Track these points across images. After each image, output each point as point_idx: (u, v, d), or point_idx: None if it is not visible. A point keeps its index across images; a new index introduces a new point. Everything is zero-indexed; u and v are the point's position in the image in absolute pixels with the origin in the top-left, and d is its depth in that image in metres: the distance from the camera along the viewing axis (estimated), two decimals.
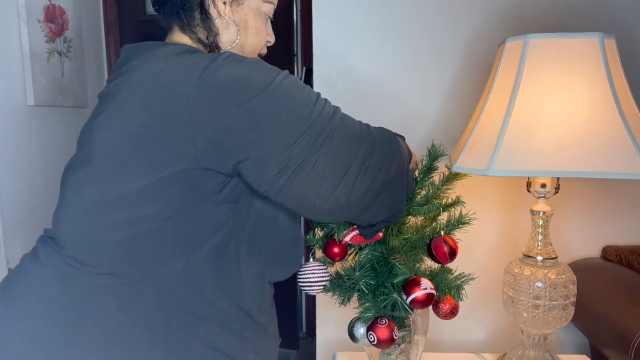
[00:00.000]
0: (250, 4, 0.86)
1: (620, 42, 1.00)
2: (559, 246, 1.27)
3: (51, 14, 1.75)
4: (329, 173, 0.72)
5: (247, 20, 0.86)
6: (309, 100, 0.73)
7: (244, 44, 0.87)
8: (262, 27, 0.88)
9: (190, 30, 0.84)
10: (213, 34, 0.84)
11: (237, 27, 0.85)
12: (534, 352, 1.08)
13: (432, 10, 1.40)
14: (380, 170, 0.78)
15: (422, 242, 0.97)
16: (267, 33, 0.90)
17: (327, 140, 0.72)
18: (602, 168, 0.89)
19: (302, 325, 2.65)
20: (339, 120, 0.76)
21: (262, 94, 0.69)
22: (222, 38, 0.85)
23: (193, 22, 0.83)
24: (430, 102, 1.44)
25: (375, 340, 0.89)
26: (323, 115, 0.73)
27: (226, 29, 0.85)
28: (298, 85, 0.74)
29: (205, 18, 0.83)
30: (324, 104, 0.76)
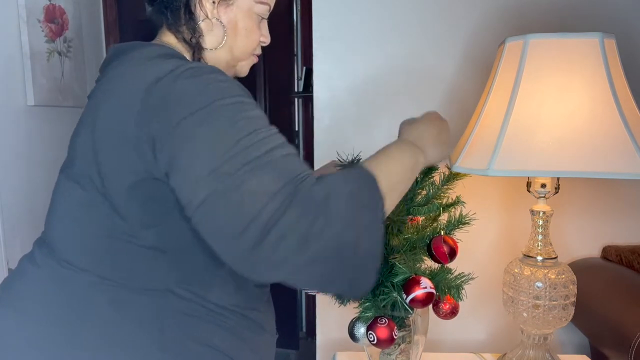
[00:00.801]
0: (241, 4, 0.83)
1: (620, 42, 1.00)
2: (559, 246, 1.27)
3: (51, 14, 1.75)
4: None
5: (237, 21, 0.83)
6: (247, 129, 0.66)
7: (233, 45, 0.84)
8: (254, 28, 0.85)
9: (176, 30, 0.82)
10: (197, 35, 0.82)
11: (223, 29, 0.82)
12: (534, 352, 1.08)
13: (432, 11, 1.40)
14: (323, 239, 0.61)
15: (422, 242, 0.97)
16: (260, 34, 0.88)
17: (251, 171, 0.63)
18: (602, 168, 0.89)
19: (302, 325, 2.65)
20: (282, 159, 0.66)
21: (195, 114, 0.65)
22: (207, 39, 0.83)
23: (179, 21, 0.82)
24: (430, 102, 1.44)
25: (375, 340, 0.89)
26: (258, 145, 0.65)
27: (211, 30, 0.82)
28: (241, 113, 0.68)
29: (189, 19, 0.81)
30: (268, 137, 0.67)
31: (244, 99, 0.70)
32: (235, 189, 0.61)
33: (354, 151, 1.04)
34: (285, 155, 0.67)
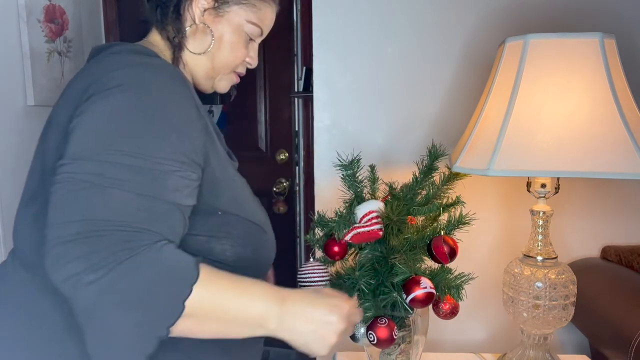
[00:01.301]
0: (232, 19, 0.83)
1: (620, 42, 1.00)
2: (559, 246, 1.27)
3: (51, 14, 1.75)
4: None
5: (224, 34, 0.83)
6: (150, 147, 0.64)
7: (215, 55, 0.84)
8: (240, 45, 0.85)
9: (162, 28, 0.83)
10: (180, 35, 0.82)
11: (211, 37, 0.82)
12: (534, 352, 1.08)
13: (432, 11, 1.41)
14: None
15: (422, 242, 0.97)
16: (246, 53, 0.87)
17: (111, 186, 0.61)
18: (602, 168, 0.89)
19: None
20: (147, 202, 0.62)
21: (106, 93, 0.66)
22: (191, 43, 0.83)
23: (165, 20, 0.82)
24: (430, 102, 1.44)
25: (375, 340, 0.89)
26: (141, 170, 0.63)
27: (196, 35, 0.83)
28: (157, 127, 0.66)
29: (175, 18, 0.82)
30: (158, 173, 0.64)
31: (178, 116, 0.68)
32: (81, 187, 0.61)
33: (353, 151, 1.04)
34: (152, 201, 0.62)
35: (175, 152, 0.67)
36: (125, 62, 0.72)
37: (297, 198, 2.48)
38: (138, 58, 0.74)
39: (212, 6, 0.82)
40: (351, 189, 1.00)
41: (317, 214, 1.01)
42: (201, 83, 0.88)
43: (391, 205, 0.95)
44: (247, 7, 0.83)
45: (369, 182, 1.03)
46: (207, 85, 0.89)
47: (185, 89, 0.72)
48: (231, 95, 0.98)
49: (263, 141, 2.29)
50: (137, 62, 0.72)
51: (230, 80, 0.90)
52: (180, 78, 0.74)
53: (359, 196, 1.00)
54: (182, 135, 0.68)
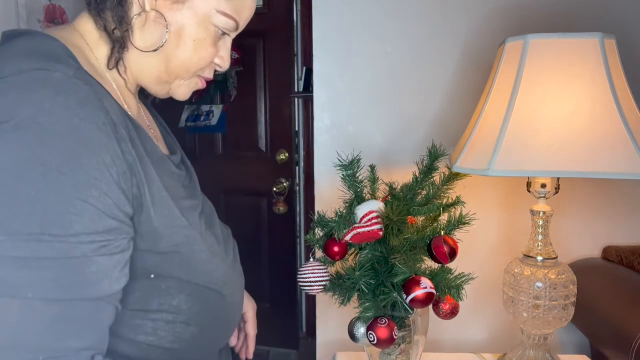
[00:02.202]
0: (197, 7, 0.62)
1: (620, 42, 1.00)
2: (559, 246, 1.27)
3: (51, 14, 1.75)
4: None
5: (185, 26, 0.62)
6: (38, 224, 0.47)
7: (171, 55, 0.63)
8: (207, 42, 0.64)
9: (97, 13, 0.62)
10: (124, 27, 0.61)
11: (165, 30, 0.62)
12: (534, 352, 1.08)
13: (432, 10, 1.41)
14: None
15: (422, 242, 0.97)
16: (214, 52, 0.66)
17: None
18: (602, 168, 0.89)
19: (302, 325, 2.65)
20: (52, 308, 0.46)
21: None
22: (137, 37, 0.62)
23: (104, 3, 0.61)
24: (430, 102, 1.44)
25: (375, 339, 0.89)
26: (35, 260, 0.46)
27: (145, 26, 0.62)
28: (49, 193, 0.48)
29: (117, 4, 0.61)
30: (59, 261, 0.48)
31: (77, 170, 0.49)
32: None
33: (353, 151, 1.04)
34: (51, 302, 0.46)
35: (94, 220, 0.50)
36: (12, 82, 0.50)
37: (297, 198, 2.48)
38: (33, 72, 0.51)
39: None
40: (351, 189, 1.00)
41: (317, 214, 1.01)
42: (151, 89, 0.68)
43: (391, 205, 0.95)
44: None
45: (369, 182, 1.03)
46: (159, 90, 0.69)
47: (95, 117, 0.52)
48: (231, 95, 0.93)
49: (263, 141, 2.29)
50: (28, 80, 0.50)
51: (192, 85, 0.70)
52: (89, 100, 0.53)
53: (359, 196, 1.00)
54: (98, 192, 0.50)
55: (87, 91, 0.53)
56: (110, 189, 0.52)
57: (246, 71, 2.23)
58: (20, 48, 0.56)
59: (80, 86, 0.52)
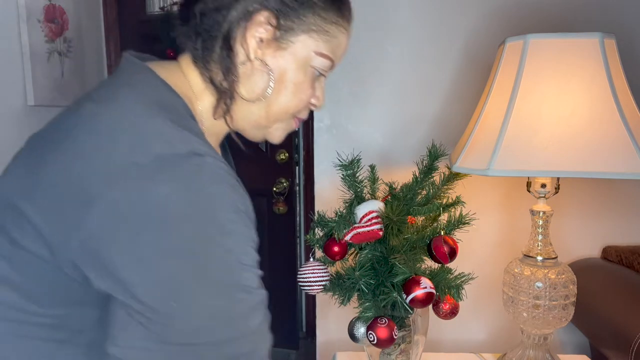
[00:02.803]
0: (297, 51, 0.63)
1: (620, 42, 1.00)
2: (559, 246, 1.27)
3: (51, 14, 1.75)
4: None
5: (286, 71, 0.63)
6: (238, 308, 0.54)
7: (272, 101, 0.64)
8: (306, 85, 0.65)
9: (203, 65, 0.63)
10: (231, 79, 0.62)
11: (270, 78, 0.63)
12: (534, 352, 1.08)
13: (432, 10, 1.40)
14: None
15: (422, 242, 0.97)
16: (312, 94, 0.68)
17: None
18: (602, 168, 0.89)
19: (302, 325, 2.65)
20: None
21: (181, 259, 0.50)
22: (242, 87, 0.63)
23: (210, 55, 0.62)
24: (430, 102, 1.43)
25: (375, 340, 0.89)
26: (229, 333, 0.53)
27: (251, 76, 0.63)
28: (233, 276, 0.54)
29: (226, 56, 0.61)
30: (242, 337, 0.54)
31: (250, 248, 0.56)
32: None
33: (353, 151, 1.04)
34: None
35: (257, 275, 0.56)
36: (174, 169, 0.50)
37: (297, 198, 2.48)
38: (190, 158, 0.51)
39: (273, 36, 0.62)
40: (351, 189, 1.00)
41: (317, 214, 1.01)
42: (248, 132, 0.70)
43: (391, 205, 0.95)
44: (317, 36, 0.64)
45: (369, 182, 1.03)
46: (256, 135, 0.70)
47: (245, 198, 0.56)
48: None
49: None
50: (191, 170, 0.51)
51: (288, 127, 0.71)
52: (235, 183, 0.55)
53: (359, 196, 1.00)
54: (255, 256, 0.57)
55: (230, 172, 0.55)
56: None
57: None
58: (148, 104, 0.55)
59: (226, 169, 0.54)
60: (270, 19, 0.61)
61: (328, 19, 0.65)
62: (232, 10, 0.61)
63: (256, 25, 0.61)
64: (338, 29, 0.67)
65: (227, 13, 0.61)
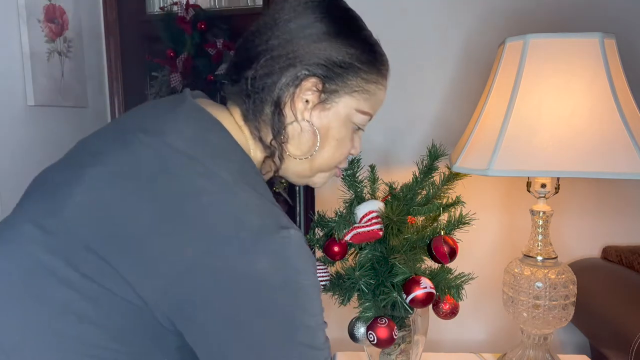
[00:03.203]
0: (339, 110, 0.67)
1: (620, 42, 1.00)
2: (559, 246, 1.27)
3: (51, 14, 1.75)
4: None
5: (330, 129, 0.67)
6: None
7: (316, 156, 0.68)
8: (347, 139, 0.70)
9: (253, 125, 0.66)
10: (280, 140, 0.65)
11: (317, 137, 0.66)
12: (534, 352, 1.08)
13: (432, 10, 1.40)
14: None
15: (422, 242, 0.97)
16: (351, 146, 0.72)
17: None
18: (602, 168, 0.89)
19: None
20: None
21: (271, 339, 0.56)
22: (291, 147, 0.67)
23: (260, 115, 0.65)
24: (430, 102, 1.43)
25: (375, 340, 0.89)
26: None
27: (298, 135, 0.66)
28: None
29: (277, 119, 0.64)
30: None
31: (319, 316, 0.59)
32: None
33: None
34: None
35: (324, 331, 0.60)
36: (264, 243, 0.53)
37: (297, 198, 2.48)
38: (279, 232, 0.55)
39: (319, 99, 0.65)
40: (351, 189, 1.00)
41: (317, 214, 1.01)
42: (291, 179, 0.73)
43: (391, 205, 0.95)
44: (359, 95, 0.68)
45: (369, 182, 1.03)
46: (299, 182, 0.74)
47: (315, 265, 0.60)
48: None
49: None
50: (282, 244, 0.54)
51: (330, 176, 0.75)
52: (310, 254, 0.59)
53: (359, 196, 1.00)
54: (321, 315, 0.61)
55: (306, 242, 0.58)
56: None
57: None
58: (232, 171, 0.57)
59: (305, 241, 0.58)
60: (317, 84, 0.65)
61: (369, 80, 0.69)
62: (282, 77, 0.64)
63: (305, 91, 0.65)
64: (377, 87, 0.70)
65: (277, 79, 0.64)
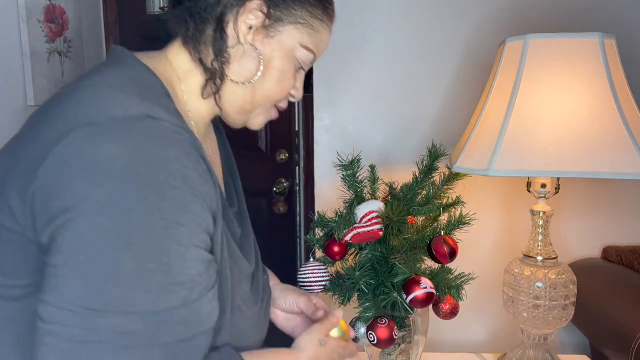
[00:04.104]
0: (283, 41, 0.67)
1: (620, 42, 1.00)
2: (559, 246, 1.27)
3: (51, 14, 1.75)
4: None
5: (272, 58, 0.67)
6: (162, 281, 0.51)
7: (258, 86, 0.68)
8: (289, 74, 0.69)
9: (193, 46, 0.66)
10: (221, 60, 0.65)
11: (260, 62, 0.66)
12: (534, 352, 1.08)
13: (432, 10, 1.40)
14: None
15: (422, 242, 0.97)
16: (293, 84, 0.71)
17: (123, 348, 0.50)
18: (602, 168, 0.89)
19: None
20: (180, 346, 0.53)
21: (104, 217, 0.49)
22: (233, 69, 0.66)
23: (201, 37, 0.65)
24: (430, 102, 1.43)
25: (375, 340, 0.89)
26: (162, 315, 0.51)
27: (241, 58, 0.66)
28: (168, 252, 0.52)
29: (219, 38, 0.64)
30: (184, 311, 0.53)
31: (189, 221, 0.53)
32: (75, 353, 0.49)
33: (353, 151, 1.04)
34: (181, 342, 0.53)
35: (204, 261, 0.55)
36: (125, 130, 0.52)
37: (297, 198, 2.48)
38: (144, 121, 0.53)
39: (262, 24, 0.65)
40: (351, 189, 1.00)
41: (317, 214, 1.01)
42: (232, 117, 0.72)
43: (391, 205, 0.95)
44: (303, 28, 0.68)
45: (369, 182, 1.03)
46: (238, 120, 0.73)
47: (198, 165, 0.56)
48: None
49: (263, 141, 2.29)
50: (141, 131, 0.53)
51: (268, 115, 0.74)
52: (192, 150, 0.56)
53: (359, 196, 1.00)
54: (204, 236, 0.56)
55: (189, 141, 0.56)
56: (208, 229, 0.57)
57: None
58: (122, 78, 0.59)
59: (184, 135, 0.56)
60: (261, 6, 0.65)
61: (314, 14, 0.69)
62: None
63: (248, 12, 0.64)
64: (322, 25, 0.70)
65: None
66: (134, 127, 0.53)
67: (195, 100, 0.69)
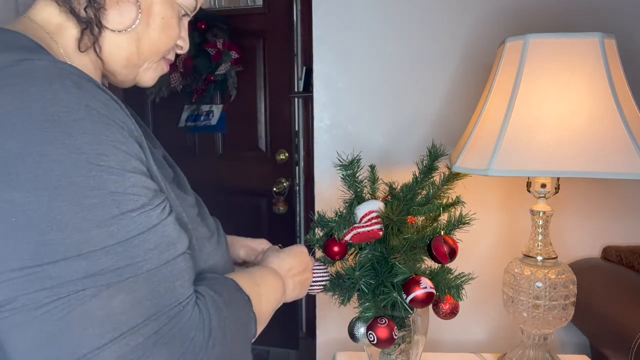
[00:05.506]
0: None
1: (620, 42, 1.00)
2: (559, 246, 1.27)
3: None
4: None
5: (153, 5, 0.62)
6: (104, 213, 0.48)
7: (142, 35, 0.62)
8: (174, 21, 0.65)
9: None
10: (96, 5, 0.58)
11: (137, 8, 0.61)
12: (534, 352, 1.08)
13: (432, 10, 1.40)
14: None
15: (422, 242, 0.97)
16: (178, 33, 0.67)
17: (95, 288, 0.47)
18: (602, 168, 0.89)
19: (302, 325, 2.64)
20: (154, 274, 0.50)
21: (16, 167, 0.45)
22: (110, 17, 0.60)
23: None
24: (430, 102, 1.43)
25: (375, 340, 0.89)
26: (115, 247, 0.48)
27: (119, 4, 0.60)
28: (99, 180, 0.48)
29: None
30: (139, 232, 0.50)
31: (112, 149, 0.49)
32: (57, 312, 0.45)
33: (353, 151, 1.04)
34: (162, 266, 0.51)
35: (147, 185, 0.52)
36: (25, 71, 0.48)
37: (297, 198, 2.48)
38: (17, 65, 0.49)
39: None
40: (351, 189, 1.00)
41: (317, 214, 1.01)
42: (119, 74, 0.66)
43: (391, 205, 0.95)
44: None
45: (369, 182, 1.03)
46: (127, 76, 0.66)
47: (97, 94, 0.51)
48: (231, 95, 0.92)
49: (263, 141, 2.29)
50: (14, 74, 0.48)
51: (159, 69, 0.69)
52: (83, 80, 0.51)
53: (359, 196, 1.00)
54: (137, 161, 0.52)
55: (77, 72, 0.51)
56: (140, 156, 0.53)
57: (246, 71, 2.23)
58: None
59: (69, 69, 0.51)
60: None
61: None
62: None
63: None
64: None
65: None
66: (11, 74, 0.48)
67: (75, 55, 0.61)
